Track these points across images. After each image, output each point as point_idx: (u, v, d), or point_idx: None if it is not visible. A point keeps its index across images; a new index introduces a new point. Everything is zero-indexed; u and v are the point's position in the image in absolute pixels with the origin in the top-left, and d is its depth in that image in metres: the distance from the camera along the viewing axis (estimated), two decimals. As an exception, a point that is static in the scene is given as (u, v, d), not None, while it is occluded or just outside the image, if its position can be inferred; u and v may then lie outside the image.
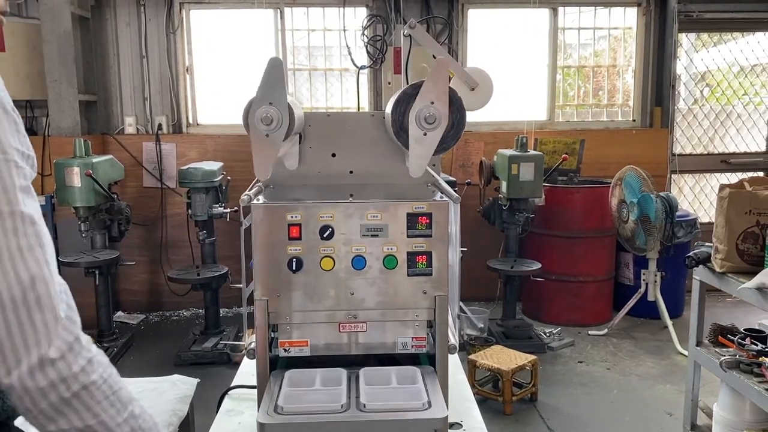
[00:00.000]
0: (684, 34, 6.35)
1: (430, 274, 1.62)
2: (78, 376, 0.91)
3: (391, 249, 1.61)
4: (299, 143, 1.82)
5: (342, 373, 1.60)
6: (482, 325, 4.93)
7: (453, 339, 1.64)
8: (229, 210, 4.97)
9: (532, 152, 4.96)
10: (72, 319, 0.93)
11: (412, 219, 1.61)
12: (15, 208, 0.89)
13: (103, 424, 0.94)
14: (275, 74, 1.41)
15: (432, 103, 1.45)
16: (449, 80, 2.05)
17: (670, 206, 5.03)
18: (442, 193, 1.73)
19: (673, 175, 6.28)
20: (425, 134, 1.47)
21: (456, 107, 1.58)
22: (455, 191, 1.70)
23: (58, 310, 0.91)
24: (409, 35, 2.05)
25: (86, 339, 0.95)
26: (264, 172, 1.44)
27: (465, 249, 1.73)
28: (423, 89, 1.46)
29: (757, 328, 3.24)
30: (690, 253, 3.33)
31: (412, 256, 1.61)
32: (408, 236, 1.61)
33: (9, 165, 0.90)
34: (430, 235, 1.61)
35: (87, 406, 0.92)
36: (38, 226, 0.92)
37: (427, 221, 1.60)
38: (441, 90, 1.45)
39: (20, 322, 0.88)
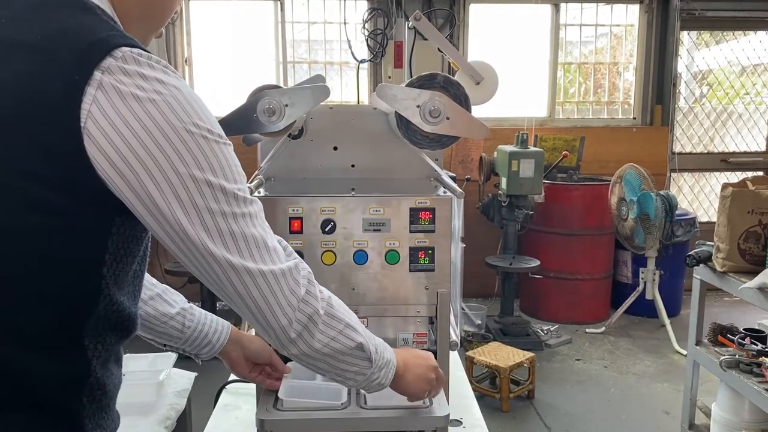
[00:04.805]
0: (686, 33, 6.33)
1: (432, 270, 1.60)
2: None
3: (393, 244, 1.59)
4: (300, 137, 1.80)
5: None
6: (480, 322, 4.92)
7: (454, 336, 1.62)
8: (227, 203, 4.93)
9: (532, 149, 4.93)
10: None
11: (415, 214, 1.58)
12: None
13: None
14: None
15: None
16: (454, 74, 2.03)
17: (670, 205, 5.01)
18: (445, 187, 1.71)
19: (672, 174, 6.26)
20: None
21: (460, 101, 1.56)
22: (456, 186, 1.67)
23: None
24: (414, 27, 2.03)
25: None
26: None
27: (464, 245, 1.71)
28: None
29: (756, 327, 3.23)
30: (691, 252, 3.31)
31: (414, 252, 1.59)
32: (410, 231, 1.59)
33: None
34: (433, 231, 1.59)
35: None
36: None
37: (430, 216, 1.58)
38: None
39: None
